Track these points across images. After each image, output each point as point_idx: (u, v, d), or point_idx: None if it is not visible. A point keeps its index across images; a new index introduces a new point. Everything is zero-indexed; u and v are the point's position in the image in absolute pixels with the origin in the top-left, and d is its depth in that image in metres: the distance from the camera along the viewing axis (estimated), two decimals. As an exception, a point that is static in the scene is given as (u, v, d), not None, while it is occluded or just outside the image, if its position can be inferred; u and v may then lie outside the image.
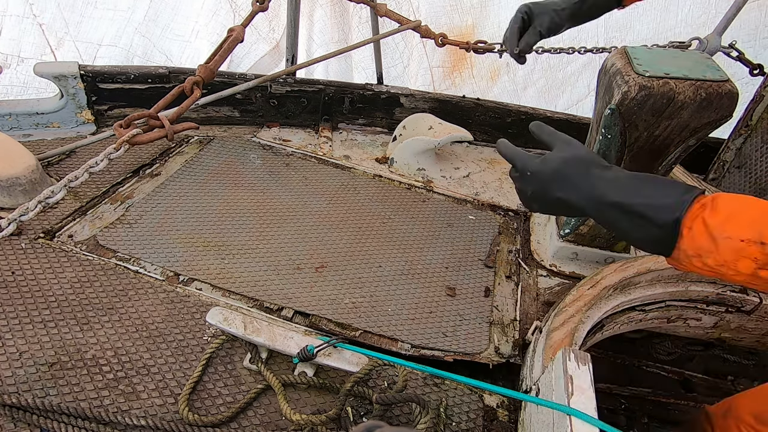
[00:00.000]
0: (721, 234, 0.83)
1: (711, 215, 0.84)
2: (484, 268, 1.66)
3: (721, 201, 0.85)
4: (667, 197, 0.87)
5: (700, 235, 0.84)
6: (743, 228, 0.82)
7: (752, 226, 0.82)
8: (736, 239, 0.82)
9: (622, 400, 1.71)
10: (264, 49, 2.89)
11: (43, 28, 2.73)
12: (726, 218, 0.84)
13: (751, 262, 0.82)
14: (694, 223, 0.85)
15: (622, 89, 1.32)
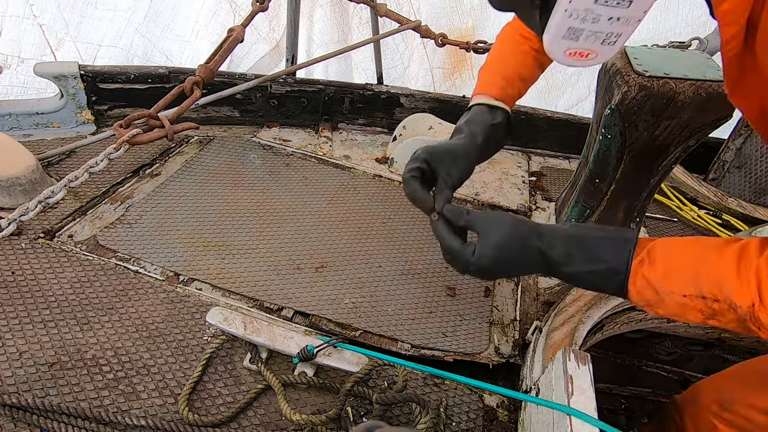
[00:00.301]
0: (664, 290, 0.85)
1: (650, 271, 0.86)
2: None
3: (657, 253, 0.88)
4: (606, 260, 0.89)
5: (645, 290, 0.87)
6: (683, 283, 0.84)
7: (691, 281, 0.84)
8: (678, 294, 0.84)
9: (622, 400, 1.71)
10: (264, 49, 2.89)
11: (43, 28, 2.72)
12: (665, 273, 0.86)
13: (697, 313, 0.85)
14: (637, 279, 0.87)
15: (622, 89, 1.32)
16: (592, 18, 0.72)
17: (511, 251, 0.94)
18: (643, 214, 1.62)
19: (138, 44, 2.82)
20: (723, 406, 1.16)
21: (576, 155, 2.37)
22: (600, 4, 0.70)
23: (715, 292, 0.82)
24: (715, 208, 2.16)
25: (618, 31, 0.74)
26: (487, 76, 1.29)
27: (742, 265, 0.80)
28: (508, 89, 1.24)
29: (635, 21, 0.73)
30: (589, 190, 1.57)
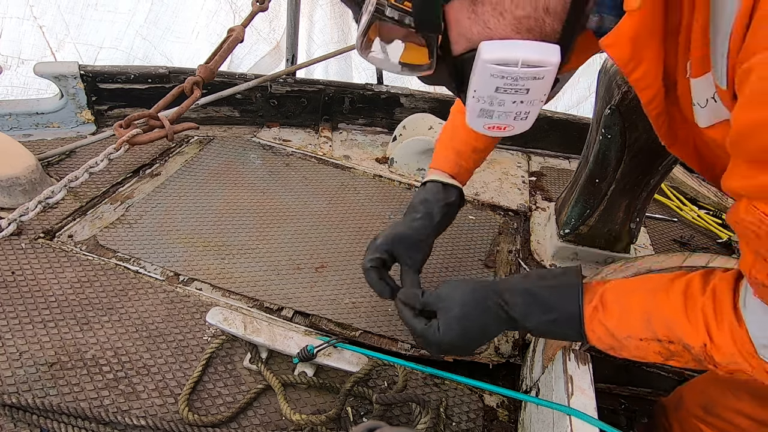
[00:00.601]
0: (620, 335, 0.88)
1: (606, 318, 0.90)
2: (484, 268, 1.66)
3: (609, 299, 0.91)
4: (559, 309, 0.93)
5: (604, 337, 0.90)
6: (638, 328, 0.87)
7: (644, 325, 0.86)
8: (635, 339, 0.87)
9: (622, 400, 1.70)
10: (264, 49, 2.89)
11: (43, 30, 2.73)
12: (619, 319, 0.89)
13: (657, 356, 0.87)
14: (594, 326, 0.90)
15: (622, 89, 1.32)
16: (498, 102, 0.78)
17: (473, 318, 0.97)
18: (643, 214, 1.62)
19: (139, 46, 2.82)
20: (707, 410, 1.16)
21: (576, 155, 2.37)
22: (500, 93, 0.76)
23: (669, 335, 0.83)
24: (715, 208, 2.16)
25: (526, 110, 0.80)
26: (441, 149, 1.36)
27: (688, 305, 0.81)
28: (462, 163, 1.32)
29: (539, 102, 0.79)
30: (589, 190, 1.57)
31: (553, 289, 0.96)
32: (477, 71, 0.74)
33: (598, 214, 1.60)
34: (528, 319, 0.95)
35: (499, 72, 0.73)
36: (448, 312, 0.99)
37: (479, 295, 0.99)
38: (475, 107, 0.80)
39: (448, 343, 0.98)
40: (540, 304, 0.95)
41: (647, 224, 2.01)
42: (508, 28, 0.71)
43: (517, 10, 0.69)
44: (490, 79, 0.74)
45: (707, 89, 0.68)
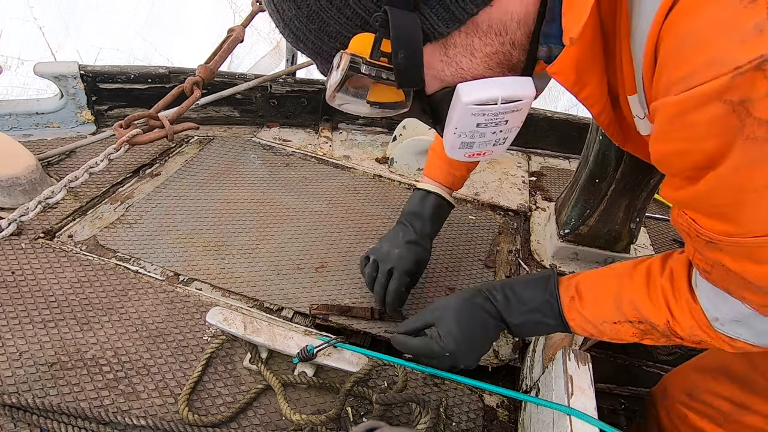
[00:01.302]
0: (597, 320, 0.97)
1: (582, 306, 0.98)
2: (484, 268, 1.66)
3: (583, 287, 1.00)
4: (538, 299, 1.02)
5: (584, 324, 0.99)
6: (610, 312, 0.95)
7: (615, 309, 0.94)
8: (610, 323, 0.95)
9: (622, 400, 1.71)
10: (264, 49, 2.89)
11: (43, 31, 2.73)
12: (593, 305, 0.97)
13: (632, 336, 0.95)
14: (574, 315, 0.99)
15: (622, 89, 1.32)
16: (479, 135, 0.82)
17: (468, 316, 1.05)
18: (643, 214, 1.62)
19: (139, 47, 2.83)
20: (691, 396, 1.21)
21: (576, 155, 2.37)
22: (481, 127, 0.80)
23: (637, 316, 0.92)
24: (715, 208, 2.16)
25: (504, 137, 0.85)
26: (435, 158, 1.47)
27: (650, 287, 0.91)
28: (455, 172, 1.44)
29: (516, 128, 0.84)
30: (589, 189, 1.57)
31: (528, 281, 1.06)
32: (457, 112, 0.77)
33: (598, 214, 1.60)
34: (510, 312, 1.04)
35: (480, 111, 0.77)
36: (443, 318, 1.06)
37: (468, 296, 1.08)
38: (455, 142, 0.83)
39: (453, 348, 1.03)
40: (518, 296, 1.04)
41: (647, 224, 2.01)
42: (480, 66, 0.74)
43: (486, 47, 0.72)
44: (471, 118, 0.78)
45: (638, 107, 0.74)
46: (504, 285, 1.07)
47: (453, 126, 0.80)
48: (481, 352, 1.09)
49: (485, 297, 1.06)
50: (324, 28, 0.71)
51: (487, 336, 1.06)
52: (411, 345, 1.09)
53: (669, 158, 0.66)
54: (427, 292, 1.52)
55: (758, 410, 1.09)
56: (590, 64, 0.74)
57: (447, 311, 1.06)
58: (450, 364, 1.06)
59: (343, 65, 0.70)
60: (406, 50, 0.69)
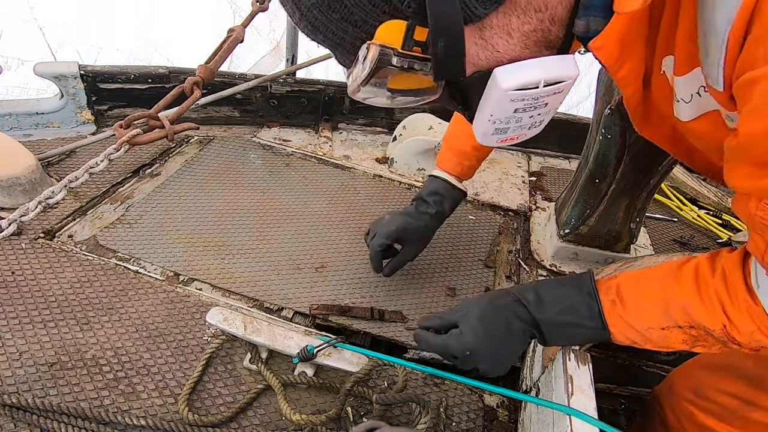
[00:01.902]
0: (642, 326, 0.89)
1: (625, 311, 0.90)
2: (484, 268, 1.66)
3: (624, 290, 0.91)
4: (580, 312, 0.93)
5: (627, 330, 0.90)
6: (658, 317, 0.87)
7: (663, 314, 0.87)
8: (657, 329, 0.88)
9: (622, 400, 1.70)
10: (264, 49, 2.89)
11: (43, 31, 2.73)
12: (638, 311, 0.89)
13: (682, 343, 0.87)
14: (615, 321, 0.91)
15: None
16: (515, 120, 0.76)
17: (493, 315, 0.97)
18: (643, 214, 1.62)
19: (139, 47, 2.83)
20: (697, 393, 1.19)
21: (576, 155, 2.37)
22: (519, 112, 0.74)
23: (688, 321, 0.84)
24: (715, 208, 2.16)
25: (541, 119, 0.79)
26: (446, 149, 1.47)
27: (701, 289, 0.83)
28: (465, 162, 1.43)
29: (554, 110, 0.79)
30: (589, 190, 1.57)
31: (562, 281, 0.98)
32: (494, 98, 0.71)
33: (598, 214, 1.60)
34: (542, 311, 0.95)
35: (520, 96, 0.71)
36: (467, 317, 0.98)
37: (495, 295, 1.00)
38: (488, 129, 0.78)
39: (473, 346, 0.95)
40: (551, 295, 0.96)
41: (647, 224, 2.01)
42: (517, 46, 0.69)
43: (524, 26, 0.67)
44: (509, 104, 0.72)
45: (692, 85, 0.69)
46: (536, 285, 0.99)
47: (487, 113, 0.74)
48: (507, 355, 0.98)
49: (514, 298, 0.98)
50: (347, 16, 0.65)
51: (512, 338, 0.96)
52: (430, 341, 1.01)
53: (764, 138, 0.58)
54: (427, 292, 1.52)
55: (765, 406, 1.08)
56: (633, 40, 0.69)
57: (471, 309, 0.99)
58: (471, 366, 0.98)
59: (371, 57, 0.64)
60: (446, 38, 0.63)
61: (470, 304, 1.01)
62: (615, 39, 0.66)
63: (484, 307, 0.98)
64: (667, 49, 0.70)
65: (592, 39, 0.68)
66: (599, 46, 0.68)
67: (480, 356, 0.96)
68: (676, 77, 0.70)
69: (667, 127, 0.89)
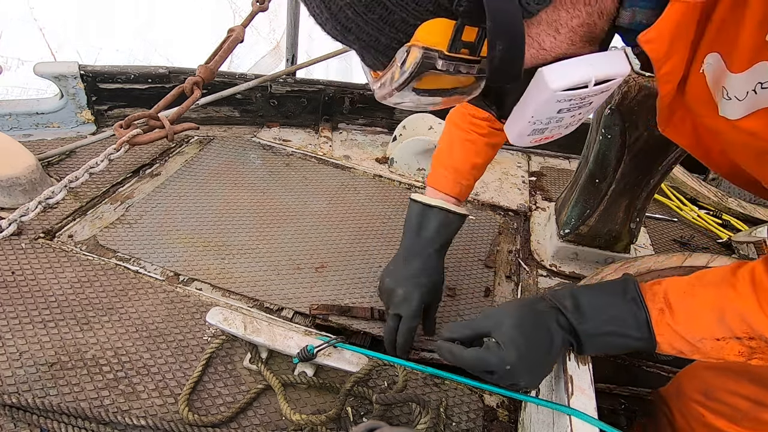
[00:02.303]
0: (695, 338, 0.83)
1: (674, 320, 0.84)
2: (484, 268, 1.66)
3: (672, 298, 0.85)
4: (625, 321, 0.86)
5: (676, 340, 0.84)
6: (712, 327, 0.81)
7: (718, 323, 0.81)
8: (711, 340, 0.81)
9: (622, 400, 1.70)
10: (264, 49, 2.89)
11: (43, 31, 2.73)
12: (689, 320, 0.83)
13: (738, 356, 0.82)
14: (663, 330, 0.84)
15: (622, 89, 1.32)
16: (555, 120, 0.72)
17: (531, 322, 0.88)
18: (643, 214, 1.62)
19: (139, 48, 2.83)
20: (707, 395, 1.17)
21: (576, 155, 2.37)
22: (563, 113, 0.70)
23: (747, 331, 0.78)
24: (715, 208, 2.16)
25: (580, 118, 0.76)
26: (440, 168, 1.37)
27: (761, 297, 0.77)
28: (462, 181, 1.35)
29: (596, 107, 0.75)
30: (589, 190, 1.57)
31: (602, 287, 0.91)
32: (539, 99, 0.67)
33: (598, 214, 1.60)
34: (583, 321, 0.87)
35: (567, 96, 0.66)
36: (502, 325, 0.89)
37: (528, 302, 0.93)
38: (526, 129, 0.73)
39: (515, 360, 0.86)
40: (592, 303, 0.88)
41: (647, 224, 2.01)
42: (563, 43, 0.64)
43: (572, 20, 0.63)
44: (555, 105, 0.68)
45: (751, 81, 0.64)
46: (574, 291, 0.91)
47: (528, 114, 0.70)
48: (545, 368, 0.91)
49: (550, 304, 0.90)
50: (387, 17, 0.60)
51: (553, 349, 0.88)
52: (463, 356, 0.90)
53: None
54: (427, 292, 1.52)
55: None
56: (682, 34, 0.64)
57: (505, 318, 0.89)
58: (509, 382, 0.89)
59: (412, 61, 0.58)
60: (506, 39, 0.57)
61: (502, 311, 0.92)
62: (667, 32, 0.62)
63: (522, 314, 0.89)
64: (713, 46, 0.66)
65: (641, 32, 0.63)
66: (650, 39, 0.63)
67: (521, 371, 0.87)
68: (732, 74, 0.65)
69: (688, 126, 0.86)
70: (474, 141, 1.34)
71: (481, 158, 1.36)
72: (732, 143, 0.79)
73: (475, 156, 1.35)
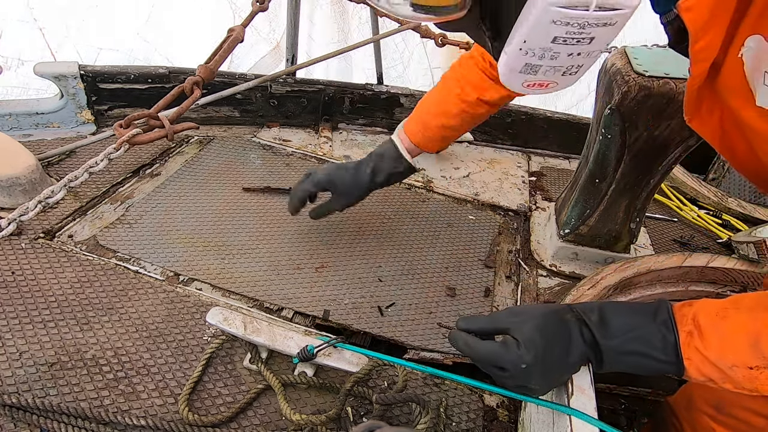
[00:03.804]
0: (725, 365, 0.77)
1: (704, 346, 0.79)
2: (484, 268, 1.66)
3: (703, 321, 0.80)
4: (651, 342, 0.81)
5: (705, 366, 0.79)
6: (744, 355, 0.76)
7: (752, 350, 0.75)
8: (743, 368, 0.76)
9: (622, 400, 1.71)
10: (264, 49, 2.89)
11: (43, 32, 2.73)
12: (720, 346, 0.78)
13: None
14: (691, 354, 0.80)
15: (622, 89, 1.32)
16: (550, 55, 0.66)
17: (553, 328, 0.85)
18: (643, 214, 1.62)
19: (139, 48, 2.83)
20: (718, 409, 1.14)
21: (576, 155, 2.37)
22: (558, 44, 0.63)
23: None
24: (715, 208, 2.16)
25: (579, 63, 0.69)
26: (416, 113, 1.43)
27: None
28: (429, 134, 1.41)
29: (597, 53, 0.69)
30: (589, 190, 1.57)
31: (632, 306, 0.87)
32: (532, 17, 0.60)
33: (598, 214, 1.60)
34: (608, 336, 0.83)
35: (564, 17, 0.59)
36: (523, 325, 0.86)
37: (555, 309, 0.90)
38: (518, 62, 0.67)
39: (531, 361, 0.83)
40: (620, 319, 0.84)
41: (647, 224, 2.01)
42: None
43: None
44: (549, 27, 0.61)
45: None
46: (602, 306, 0.87)
47: (521, 38, 0.64)
48: (559, 376, 0.88)
49: (577, 316, 0.86)
50: None
51: (570, 359, 0.85)
52: (478, 349, 0.88)
53: None
54: (427, 292, 1.52)
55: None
56: (725, 6, 0.60)
57: (528, 318, 0.87)
58: (520, 383, 0.86)
59: None
60: None
61: (527, 311, 0.89)
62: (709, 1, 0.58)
63: (546, 319, 0.86)
64: (756, 27, 0.61)
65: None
66: (690, 6, 0.59)
67: (535, 374, 0.84)
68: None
69: (716, 119, 0.80)
70: (454, 103, 1.38)
71: (454, 121, 1.40)
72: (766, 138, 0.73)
73: (447, 118, 1.40)
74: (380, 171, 1.41)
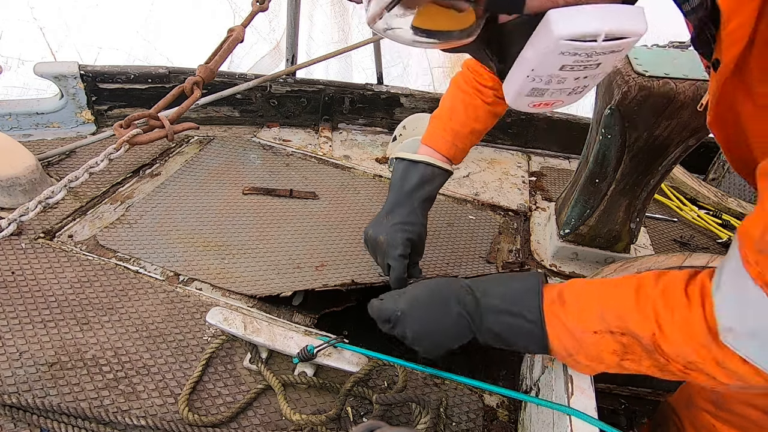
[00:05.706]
0: (578, 329, 0.82)
1: (563, 312, 0.84)
2: (485, 264, 1.66)
3: (567, 293, 0.86)
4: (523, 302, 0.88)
5: (563, 334, 0.84)
6: (593, 320, 0.81)
7: (598, 317, 0.80)
8: (590, 332, 0.81)
9: (622, 400, 1.70)
10: (264, 49, 2.89)
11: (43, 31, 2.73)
12: (576, 313, 0.83)
13: (611, 354, 0.81)
14: (553, 321, 0.85)
15: (622, 89, 1.32)
16: (557, 80, 0.66)
17: (435, 288, 0.96)
18: (643, 214, 1.62)
19: (139, 47, 2.83)
20: (718, 406, 1.15)
21: (576, 155, 2.37)
22: (566, 71, 0.63)
23: (620, 326, 0.79)
24: (715, 208, 2.16)
25: (585, 84, 0.69)
26: (439, 127, 1.33)
27: (639, 295, 0.78)
28: (458, 144, 1.32)
29: (604, 74, 0.69)
30: (589, 190, 1.57)
31: (512, 275, 0.98)
32: (541, 48, 0.60)
33: (598, 214, 1.60)
34: (487, 294, 0.92)
35: (573, 49, 0.60)
36: (415, 287, 1.01)
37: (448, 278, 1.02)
38: (525, 87, 0.67)
39: (405, 308, 0.96)
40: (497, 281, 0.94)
41: (647, 224, 2.02)
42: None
43: None
44: (557, 58, 0.61)
45: None
46: (488, 276, 0.99)
47: (528, 66, 0.63)
48: (438, 331, 0.94)
49: (464, 285, 0.96)
50: None
51: (447, 314, 0.93)
52: (373, 306, 1.02)
53: None
54: (427, 292, 1.52)
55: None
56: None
57: (422, 283, 1.01)
58: (401, 330, 0.97)
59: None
60: None
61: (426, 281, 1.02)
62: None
63: (436, 281, 0.99)
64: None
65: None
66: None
67: (410, 320, 0.95)
68: None
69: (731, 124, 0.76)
70: (477, 106, 1.33)
71: (480, 124, 1.35)
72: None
73: (475, 121, 1.34)
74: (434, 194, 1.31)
